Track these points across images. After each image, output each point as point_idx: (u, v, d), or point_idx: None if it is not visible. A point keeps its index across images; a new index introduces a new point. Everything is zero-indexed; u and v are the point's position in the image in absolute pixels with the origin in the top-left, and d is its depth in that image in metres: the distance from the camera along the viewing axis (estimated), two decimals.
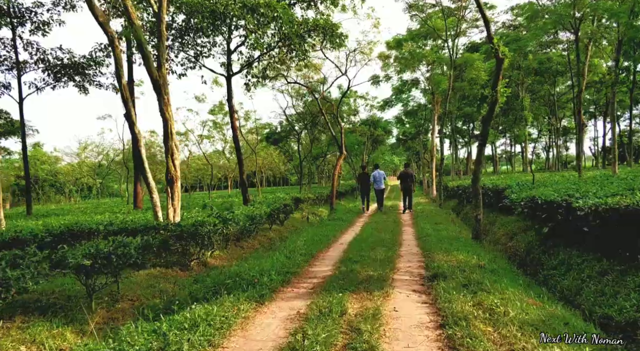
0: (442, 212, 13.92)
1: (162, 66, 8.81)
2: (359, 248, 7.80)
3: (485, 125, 7.87)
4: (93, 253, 5.00)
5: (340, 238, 9.76)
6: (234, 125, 13.35)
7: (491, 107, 7.85)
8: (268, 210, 11.27)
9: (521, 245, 8.28)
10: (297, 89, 23.15)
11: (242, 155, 13.36)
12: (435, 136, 19.49)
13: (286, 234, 12.74)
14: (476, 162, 8.01)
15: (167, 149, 8.76)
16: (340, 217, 13.43)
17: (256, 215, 10.24)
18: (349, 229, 11.26)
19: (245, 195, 13.18)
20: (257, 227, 10.54)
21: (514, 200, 8.42)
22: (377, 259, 6.64)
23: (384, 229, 10.31)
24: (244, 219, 9.39)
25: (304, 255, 7.34)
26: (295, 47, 11.61)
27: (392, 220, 12.52)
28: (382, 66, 18.11)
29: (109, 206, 19.73)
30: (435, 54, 18.04)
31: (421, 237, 8.74)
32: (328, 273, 6.07)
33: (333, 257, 7.37)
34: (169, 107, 8.82)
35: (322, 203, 20.62)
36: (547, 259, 6.95)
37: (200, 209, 12.03)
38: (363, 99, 30.19)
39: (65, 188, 38.82)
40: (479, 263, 6.07)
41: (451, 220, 11.54)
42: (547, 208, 7.06)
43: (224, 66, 13.86)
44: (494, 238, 9.77)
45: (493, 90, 7.86)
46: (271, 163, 40.54)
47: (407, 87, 22.42)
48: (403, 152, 46.71)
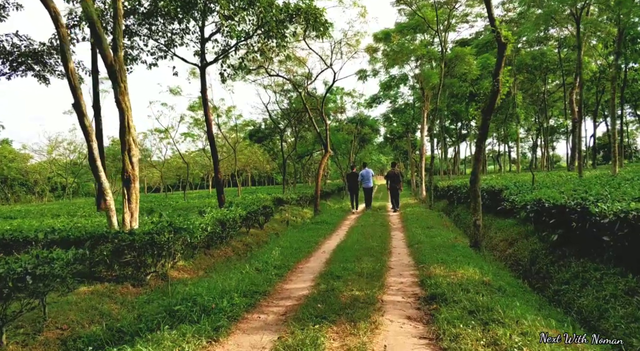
0: (432, 214, 13.03)
1: (118, 49, 7.71)
2: (343, 258, 6.81)
3: (486, 117, 6.96)
4: (1, 275, 3.90)
5: (323, 245, 8.76)
6: (208, 119, 12.24)
7: (492, 97, 6.94)
8: (244, 213, 10.23)
9: (524, 253, 7.40)
10: (281, 84, 22.09)
11: (217, 152, 12.27)
12: (425, 134, 18.66)
13: (265, 239, 11.71)
14: (475, 160, 7.10)
15: (123, 144, 7.66)
16: (325, 219, 12.43)
17: (229, 219, 9.20)
18: (333, 234, 10.27)
19: (221, 196, 12.09)
20: (231, 233, 9.49)
21: (517, 202, 7.54)
22: (363, 273, 5.66)
23: (371, 234, 9.35)
24: (214, 224, 8.33)
25: (278, 268, 6.32)
26: (273, 33, 10.56)
27: (380, 223, 11.57)
28: (369, 60, 17.20)
29: (78, 207, 18.41)
30: (424, 48, 17.16)
31: (413, 244, 7.79)
32: (305, 292, 5.06)
33: (313, 269, 6.37)
34: (126, 97, 7.72)
35: (306, 203, 19.61)
36: (556, 271, 6.07)
37: (168, 212, 10.92)
38: (350, 96, 29.26)
39: (37, 188, 36.98)
40: (483, 279, 5.14)
41: (444, 224, 10.64)
42: (557, 213, 6.18)
43: (199, 56, 12.75)
44: (490, 244, 8.89)
45: (494, 79, 6.96)
46: (256, 162, 39.37)
47: (396, 83, 21.54)
48: (391, 151, 45.95)
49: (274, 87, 21.54)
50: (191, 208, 11.82)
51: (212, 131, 12.29)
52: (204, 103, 12.32)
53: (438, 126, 23.69)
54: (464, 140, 47.32)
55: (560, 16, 18.00)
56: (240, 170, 43.90)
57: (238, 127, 30.06)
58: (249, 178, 56.02)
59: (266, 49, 13.22)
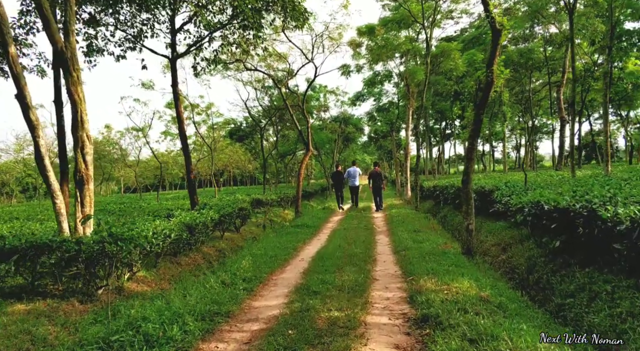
0: (419, 215, 12.42)
1: (70, 34, 6.86)
2: (322, 268, 6.09)
3: (479, 112, 6.33)
4: None
5: (302, 251, 8.02)
6: (179, 115, 11.39)
7: (486, 89, 6.32)
8: (217, 217, 9.42)
9: (519, 260, 6.80)
10: (261, 80, 21.25)
11: (188, 150, 11.42)
12: (410, 132, 18.09)
13: (241, 243, 10.92)
14: (467, 158, 6.46)
15: (76, 141, 6.81)
16: (306, 222, 11.69)
17: (198, 223, 8.39)
18: (314, 238, 9.54)
19: (193, 197, 11.25)
20: (200, 238, 8.67)
21: (512, 205, 6.93)
22: (344, 287, 4.95)
23: (354, 239, 8.65)
24: (180, 230, 7.51)
25: (248, 281, 5.56)
26: (249, 23, 9.77)
27: (363, 226, 10.89)
28: (352, 55, 16.52)
29: (44, 209, 17.26)
30: (410, 43, 16.58)
31: (399, 251, 7.12)
32: (276, 311, 4.32)
33: (288, 281, 5.62)
34: (79, 87, 6.87)
35: (288, 204, 18.84)
36: (558, 282, 5.46)
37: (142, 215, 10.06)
38: (334, 94, 28.61)
39: (6, 189, 35.17)
40: (480, 294, 4.49)
41: (431, 227, 10.01)
42: (559, 217, 5.58)
43: (170, 48, 11.87)
44: (481, 249, 8.29)
45: (488, 69, 6.33)
46: (237, 161, 38.34)
47: (380, 79, 20.93)
48: (375, 151, 45.49)
49: (254, 83, 20.71)
50: (161, 211, 10.95)
51: (184, 128, 11.45)
52: (174, 98, 11.46)
53: (423, 125, 23.15)
54: (447, 139, 47.19)
55: (546, 12, 17.68)
56: (222, 170, 42.83)
57: (218, 126, 29.08)
58: (230, 178, 54.86)
59: (243, 42, 12.44)
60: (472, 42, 20.46)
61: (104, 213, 11.73)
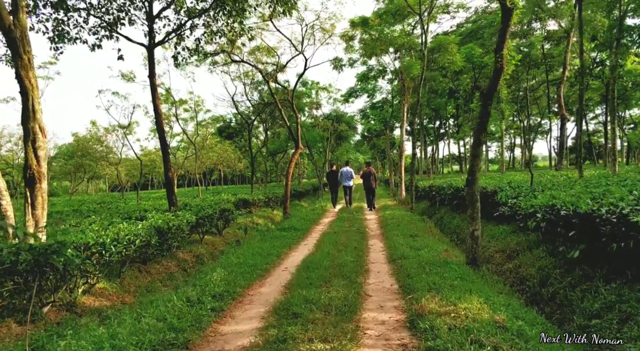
0: (414, 217, 11.66)
1: (19, 10, 5.98)
2: (307, 280, 5.29)
3: (486, 102, 5.56)
4: None
5: (286, 258, 7.21)
6: (156, 108, 10.50)
7: (495, 76, 5.55)
8: (194, 219, 8.57)
9: (529, 269, 6.04)
10: (250, 75, 20.37)
11: (167, 146, 10.56)
12: (405, 130, 17.36)
13: (223, 247, 10.07)
14: (472, 155, 5.69)
15: (26, 133, 5.95)
16: (294, 224, 10.87)
17: (171, 227, 7.54)
18: (301, 243, 8.74)
19: (172, 197, 10.38)
20: (174, 244, 7.82)
21: (522, 208, 6.19)
22: (331, 307, 4.15)
23: (345, 244, 7.86)
24: (148, 235, 6.66)
25: (219, 297, 4.74)
26: (231, 7, 8.93)
27: (355, 228, 10.10)
28: (345, 48, 15.72)
29: (16, 208, 16.23)
30: (405, 37, 15.84)
31: (395, 259, 6.33)
32: (245, 341, 3.51)
33: (266, 298, 4.82)
34: (31, 72, 6.00)
35: (277, 205, 18.01)
36: (578, 298, 4.71)
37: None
38: (326, 91, 27.79)
39: None
40: (494, 317, 3.71)
41: (428, 230, 9.25)
42: (580, 224, 4.84)
43: (148, 35, 10.98)
44: (484, 255, 7.55)
45: (497, 54, 5.57)
46: (227, 159, 37.40)
47: (374, 75, 20.19)
48: (368, 150, 44.79)
49: (243, 78, 19.82)
50: (136, 212, 10.09)
51: (161, 122, 10.59)
52: (152, 90, 10.57)
53: (417, 124, 22.42)
54: (441, 139, 46.61)
55: (546, 6, 17.04)
56: (212, 169, 41.86)
57: (206, 123, 28.15)
58: (221, 177, 53.82)
59: (227, 30, 11.61)
60: (469, 36, 19.78)
61: (74, 215, 10.82)
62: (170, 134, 28.75)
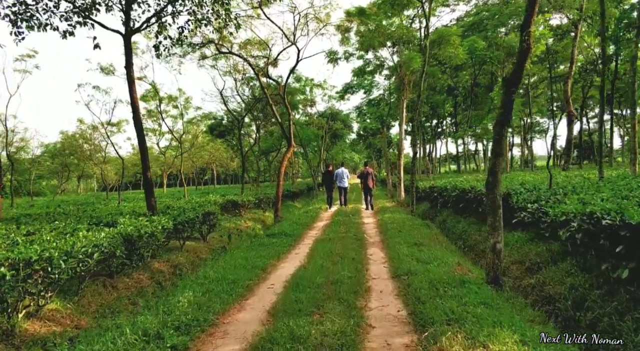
0: (416, 221, 10.75)
1: None
2: (296, 304, 4.35)
3: (510, 90, 4.65)
4: None
5: (273, 272, 6.26)
6: (134, 102, 9.52)
7: (520, 58, 4.65)
8: (170, 225, 7.60)
9: (558, 288, 5.11)
10: (241, 70, 19.35)
11: (145, 143, 9.58)
12: (404, 127, 16.44)
13: (205, 255, 9.12)
14: (494, 154, 4.78)
15: None
16: (285, 230, 9.91)
17: (143, 234, 6.58)
18: (292, 252, 7.79)
19: (150, 200, 9.40)
20: (146, 254, 6.86)
21: (551, 216, 5.28)
22: (324, 346, 3.22)
23: (341, 255, 6.92)
24: (113, 245, 5.71)
25: (184, 330, 3.78)
26: None
27: (352, 234, 9.17)
28: (340, 40, 14.76)
29: None
30: (405, 28, 14.93)
31: (400, 275, 5.41)
32: None
33: (244, 330, 3.87)
34: None
35: (268, 206, 17.07)
36: (630, 330, 3.82)
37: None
38: (320, 88, 26.85)
39: None
40: None
41: (434, 237, 8.32)
42: (631, 237, 3.96)
43: (124, 21, 10.01)
44: None
45: (523, 32, 4.66)
46: (219, 158, 36.37)
47: (371, 69, 19.27)
48: (364, 149, 43.89)
49: (234, 72, 18.81)
50: (107, 216, 9.11)
51: (139, 117, 9.61)
52: (128, 82, 9.60)
53: (417, 121, 21.48)
54: (438, 138, 45.81)
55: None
56: (204, 168, 40.80)
57: (196, 120, 27.11)
58: (214, 176, 52.70)
59: (214, 18, 10.67)
60: (471, 29, 18.89)
61: (43, 219, 9.81)
62: (159, 132, 27.67)
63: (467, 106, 26.17)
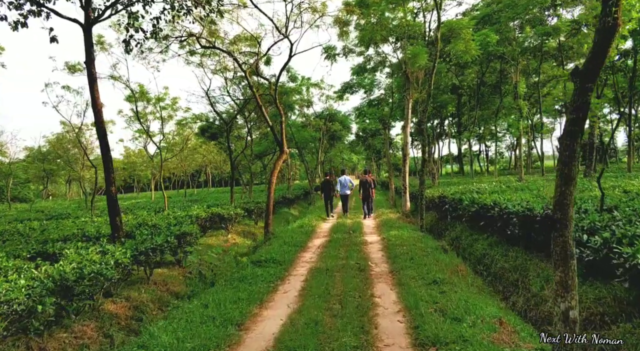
0: (429, 243, 9.18)
1: None
2: None
3: (584, 85, 3.21)
4: None
5: (251, 330, 4.72)
6: (95, 103, 8.02)
7: (602, 42, 3.21)
8: (127, 257, 6.09)
9: None
10: (231, 69, 17.82)
11: (109, 154, 8.07)
12: (409, 130, 15.00)
13: (179, 287, 7.64)
14: (563, 179, 3.27)
15: None
16: (273, 255, 8.36)
17: (86, 275, 5.09)
18: (279, 289, 6.28)
19: (114, 220, 7.89)
20: (86, 303, 5.38)
21: (630, 260, 3.83)
22: None
23: (341, 299, 5.43)
24: (30, 300, 4.23)
25: None
26: None
27: (355, 261, 7.68)
28: (339, 34, 13.27)
29: None
30: (409, 22, 13.48)
31: (426, 344, 3.92)
32: None
33: None
34: None
35: (260, 217, 15.61)
36: None
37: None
38: (318, 87, 25.36)
39: None
40: None
41: (456, 268, 6.80)
42: None
43: (84, 9, 8.54)
44: (540, 315, 5.20)
45: (605, 5, 3.21)
46: (213, 161, 34.84)
47: (372, 66, 17.82)
48: (362, 150, 42.43)
49: (223, 71, 17.27)
50: (57, 243, 7.64)
51: (102, 120, 8.14)
52: (89, 80, 8.12)
53: (425, 123, 19.96)
54: (439, 138, 44.31)
55: None
56: (198, 171, 39.26)
57: (186, 122, 25.59)
58: (208, 178, 51.07)
59: (193, 7, 9.24)
60: (482, 22, 17.39)
61: None
62: (143, 131, 26.10)
63: (473, 106, 24.70)
